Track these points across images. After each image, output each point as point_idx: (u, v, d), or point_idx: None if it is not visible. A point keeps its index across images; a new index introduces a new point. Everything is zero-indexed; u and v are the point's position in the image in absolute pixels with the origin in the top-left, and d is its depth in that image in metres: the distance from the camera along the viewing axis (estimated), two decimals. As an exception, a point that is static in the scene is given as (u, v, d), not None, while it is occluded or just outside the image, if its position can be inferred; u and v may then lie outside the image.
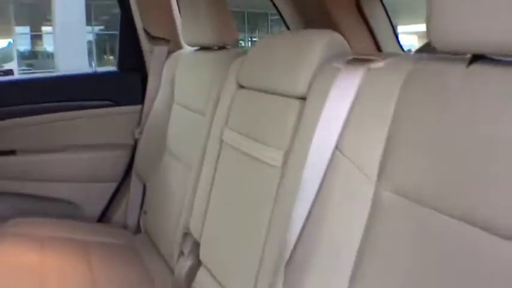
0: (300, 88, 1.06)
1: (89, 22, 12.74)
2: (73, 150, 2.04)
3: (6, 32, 15.93)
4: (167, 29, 2.02)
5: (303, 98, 1.05)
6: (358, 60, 0.94)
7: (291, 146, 1.05)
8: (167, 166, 1.82)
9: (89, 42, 14.17)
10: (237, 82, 1.34)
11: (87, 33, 13.31)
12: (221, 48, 1.64)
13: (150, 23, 1.99)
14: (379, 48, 1.88)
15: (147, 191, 1.98)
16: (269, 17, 16.31)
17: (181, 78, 1.80)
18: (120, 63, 2.12)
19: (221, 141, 1.35)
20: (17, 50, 15.73)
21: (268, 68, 1.22)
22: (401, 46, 1.89)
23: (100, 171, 2.08)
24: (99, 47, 15.76)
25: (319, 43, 1.06)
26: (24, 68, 15.17)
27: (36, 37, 16.22)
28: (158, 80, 1.98)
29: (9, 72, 10.57)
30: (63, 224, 1.91)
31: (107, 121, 2.05)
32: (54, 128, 2.00)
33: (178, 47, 2.03)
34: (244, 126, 1.25)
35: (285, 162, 1.06)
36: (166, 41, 2.01)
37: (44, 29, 15.65)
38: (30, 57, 16.24)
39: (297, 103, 1.07)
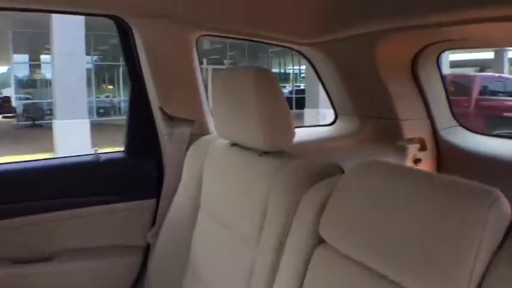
0: None
1: (88, 51, 12.45)
2: (70, 258, 1.62)
3: (4, 60, 15.63)
4: (190, 108, 1.62)
5: None
6: None
7: None
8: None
9: (88, 70, 13.89)
10: (316, 233, 0.95)
11: (86, 63, 13.00)
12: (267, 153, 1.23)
13: (168, 100, 1.59)
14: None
15: None
16: (269, 49, 15.98)
17: (214, 179, 1.39)
18: (130, 146, 1.70)
19: None
20: (15, 77, 15.45)
21: None
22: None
23: (104, 283, 1.66)
24: (98, 77, 15.43)
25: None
26: (21, 95, 14.87)
27: (35, 65, 15.95)
28: (179, 170, 1.57)
29: (6, 99, 10.22)
30: None
31: (113, 219, 1.63)
32: (46, 231, 1.58)
33: (205, 130, 1.63)
34: None
35: None
36: (189, 122, 1.61)
37: (43, 57, 15.36)
38: (29, 85, 15.94)
39: None
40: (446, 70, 11.65)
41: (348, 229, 0.86)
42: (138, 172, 1.66)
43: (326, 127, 2.09)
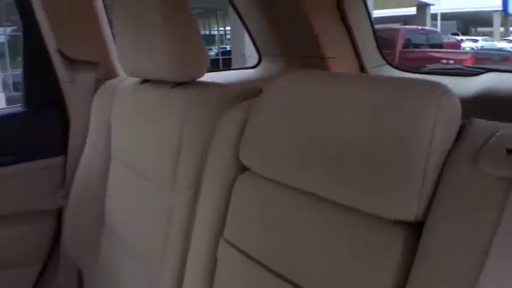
0: None
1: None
2: None
3: None
4: (94, 49, 1.42)
5: None
6: None
7: None
8: (110, 249, 1.25)
9: (1, 44, 12.95)
10: (236, 159, 0.81)
11: (-1, 35, 12.10)
12: (180, 84, 1.08)
13: (67, 40, 1.38)
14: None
15: (84, 280, 1.39)
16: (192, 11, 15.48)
17: (123, 123, 1.22)
18: (28, 99, 1.48)
19: (213, 257, 0.82)
20: None
21: None
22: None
23: (14, 253, 1.46)
24: (13, 49, 14.44)
25: None
26: None
27: None
28: (85, 121, 1.39)
29: None
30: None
31: (16, 183, 1.43)
32: None
33: (112, 73, 1.44)
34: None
35: None
36: (93, 64, 1.41)
37: None
38: None
39: None
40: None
41: (272, 151, 0.73)
42: (40, 127, 1.45)
43: (250, 69, 1.95)
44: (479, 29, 22.26)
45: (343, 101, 0.64)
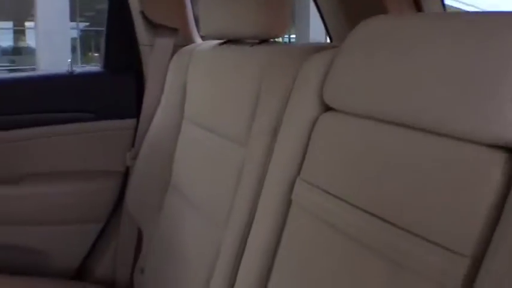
0: None
1: (73, 18, 12.12)
2: (39, 181, 1.46)
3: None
4: (174, 14, 1.45)
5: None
6: None
7: None
8: (173, 208, 1.26)
9: (74, 39, 13.50)
10: (320, 99, 0.79)
11: (72, 30, 12.64)
12: (264, 41, 1.09)
13: (151, 4, 1.41)
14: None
15: (144, 239, 1.40)
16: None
17: (199, 85, 1.23)
18: (108, 61, 1.53)
19: (287, 199, 0.80)
20: (-1, 46, 15.07)
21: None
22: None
23: (77, 209, 1.50)
24: (84, 44, 15.04)
25: None
26: (6, 64, 14.48)
27: (19, 33, 15.54)
28: (160, 85, 1.42)
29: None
30: (26, 282, 1.34)
31: (87, 141, 1.47)
32: (12, 151, 1.42)
33: (189, 40, 1.47)
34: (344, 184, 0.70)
35: None
36: (172, 30, 1.44)
37: (27, 24, 14.94)
38: (13, 52, 15.53)
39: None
40: None
41: (360, 88, 0.70)
42: (116, 89, 1.49)
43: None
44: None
45: (436, 36, 0.61)
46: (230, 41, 1.18)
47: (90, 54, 14.89)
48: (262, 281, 0.83)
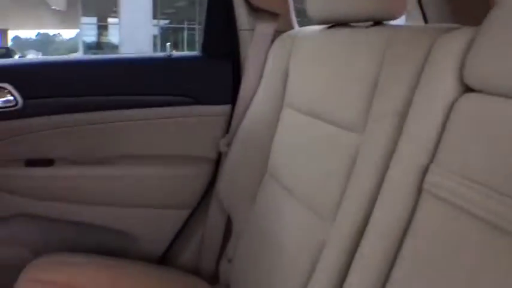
0: None
1: (155, 15, 12.49)
2: (131, 164, 1.47)
3: (73, 22, 16.00)
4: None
5: None
6: None
7: None
8: (269, 199, 1.21)
9: (154, 36, 13.93)
10: (458, 81, 0.71)
11: (153, 27, 13.05)
12: (378, 23, 1.02)
13: None
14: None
15: (234, 229, 1.37)
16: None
17: (304, 71, 1.18)
18: (206, 45, 1.51)
19: (417, 188, 0.73)
20: (83, 41, 15.81)
21: None
22: None
23: (167, 194, 1.50)
24: (163, 41, 15.49)
25: None
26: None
27: (102, 28, 16.25)
28: (259, 71, 1.38)
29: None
30: (111, 265, 1.34)
31: (181, 125, 1.46)
32: (110, 132, 1.43)
33: (288, 26, 1.42)
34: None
35: None
36: (273, 16, 1.40)
37: (110, 20, 15.59)
38: (96, 48, 16.28)
39: None
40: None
41: (507, 69, 0.62)
42: (213, 74, 1.47)
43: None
44: None
45: None
46: (338, 24, 1.12)
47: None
48: (380, 278, 0.76)
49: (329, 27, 1.15)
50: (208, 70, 1.46)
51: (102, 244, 1.52)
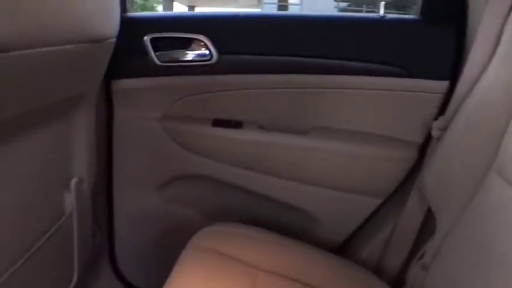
0: None
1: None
2: (324, 137, 1.31)
3: (253, 2, 16.50)
4: None
5: None
6: None
7: None
8: (495, 200, 0.95)
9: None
10: None
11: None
12: None
13: None
14: None
15: (437, 230, 1.13)
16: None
17: None
18: (426, 7, 1.26)
19: None
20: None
21: None
22: None
23: (359, 177, 1.31)
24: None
25: None
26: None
27: (281, 8, 16.52)
28: (492, 44, 1.10)
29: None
30: (287, 245, 1.21)
31: (384, 100, 1.25)
32: (302, 98, 1.28)
33: None
34: None
35: None
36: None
37: (291, 0, 15.77)
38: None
39: None
40: None
41: None
42: (431, 42, 1.22)
43: None
44: None
45: None
46: None
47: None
48: None
49: None
50: (426, 38, 1.23)
51: (277, 220, 1.41)
